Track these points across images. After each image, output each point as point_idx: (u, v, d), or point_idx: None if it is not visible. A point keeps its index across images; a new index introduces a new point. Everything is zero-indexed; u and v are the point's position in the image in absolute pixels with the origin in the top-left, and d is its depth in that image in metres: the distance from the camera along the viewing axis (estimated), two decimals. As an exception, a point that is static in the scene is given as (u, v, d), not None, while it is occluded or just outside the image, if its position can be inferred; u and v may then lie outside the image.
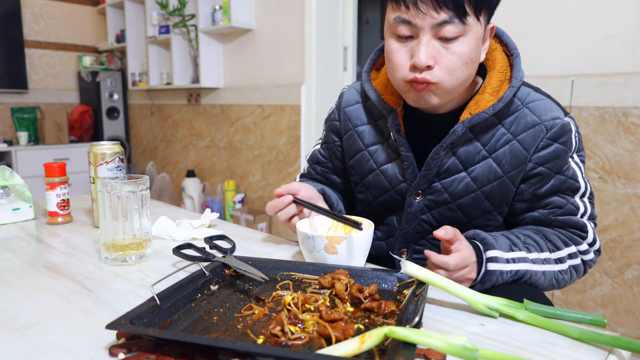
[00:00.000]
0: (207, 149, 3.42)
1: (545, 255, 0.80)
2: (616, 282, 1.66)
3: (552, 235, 0.83)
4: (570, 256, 0.82)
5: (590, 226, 0.83)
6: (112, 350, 0.50)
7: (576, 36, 1.68)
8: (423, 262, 0.91)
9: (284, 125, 2.79)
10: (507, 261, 0.76)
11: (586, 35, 1.65)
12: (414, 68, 0.74)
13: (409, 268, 0.60)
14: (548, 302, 0.82)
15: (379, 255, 0.96)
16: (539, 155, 0.80)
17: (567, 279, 0.82)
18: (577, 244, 0.83)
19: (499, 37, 0.83)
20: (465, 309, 0.62)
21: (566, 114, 0.82)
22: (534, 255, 0.79)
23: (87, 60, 4.01)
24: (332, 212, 0.81)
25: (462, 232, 0.87)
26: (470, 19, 0.71)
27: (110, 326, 0.50)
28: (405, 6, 0.71)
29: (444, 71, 0.74)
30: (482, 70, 0.85)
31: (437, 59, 0.73)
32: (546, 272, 0.79)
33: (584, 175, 0.83)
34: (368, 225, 0.79)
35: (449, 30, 0.71)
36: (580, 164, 0.83)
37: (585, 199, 0.83)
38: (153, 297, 0.57)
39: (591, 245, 0.84)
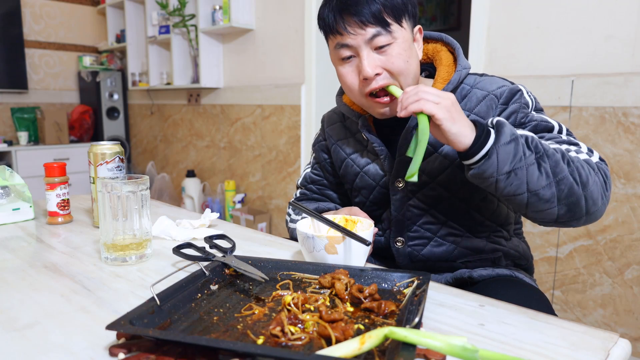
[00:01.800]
0: (207, 149, 3.42)
1: (550, 143, 0.77)
2: (616, 282, 1.66)
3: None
4: (577, 152, 0.78)
5: (580, 142, 0.82)
6: (112, 350, 0.50)
7: (576, 36, 1.68)
8: (420, 247, 0.94)
9: (284, 125, 2.79)
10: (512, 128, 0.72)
11: (586, 35, 1.65)
12: (365, 81, 0.85)
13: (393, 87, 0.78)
14: (548, 304, 0.82)
15: (378, 248, 1.00)
16: None
17: (583, 172, 0.74)
18: (573, 146, 0.81)
19: (441, 39, 0.95)
20: (465, 309, 0.62)
21: (513, 83, 0.89)
22: (535, 136, 0.75)
23: (87, 60, 4.01)
24: (333, 223, 0.79)
25: (450, 208, 0.91)
26: (394, 27, 0.83)
27: (110, 326, 0.50)
28: (338, 33, 0.84)
29: (393, 73, 0.84)
30: (434, 72, 0.95)
31: (382, 66, 0.84)
32: (556, 148, 0.75)
33: (552, 119, 0.86)
34: (368, 225, 0.79)
35: (380, 40, 0.82)
36: (545, 116, 0.87)
37: (564, 134, 0.85)
38: (153, 297, 0.57)
39: (590, 151, 0.81)
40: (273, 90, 2.82)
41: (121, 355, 0.49)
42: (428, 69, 0.98)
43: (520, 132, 0.74)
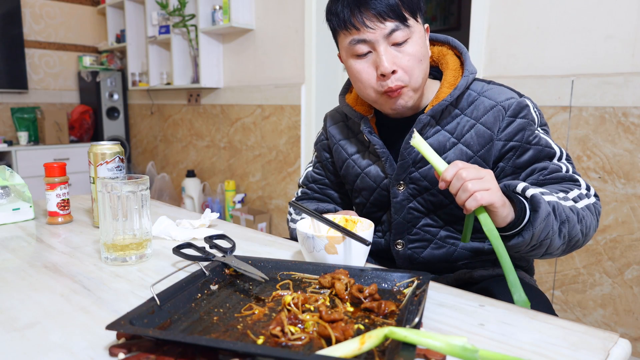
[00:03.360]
0: (207, 149, 3.42)
1: (562, 194, 0.80)
2: (616, 282, 1.66)
3: (552, 187, 0.83)
4: (580, 197, 0.81)
5: (578, 176, 0.85)
6: (112, 350, 0.50)
7: (576, 36, 1.68)
8: (420, 250, 0.94)
9: (284, 125, 2.79)
10: (541, 193, 0.74)
11: (586, 35, 1.65)
12: (382, 77, 0.83)
13: (417, 139, 0.72)
14: (548, 304, 0.82)
15: (378, 250, 1.00)
16: (505, 132, 0.86)
17: (588, 220, 0.79)
18: (576, 189, 0.84)
19: (448, 42, 0.94)
20: (465, 309, 0.62)
21: (521, 95, 0.89)
22: (554, 195, 0.78)
23: (87, 60, 4.01)
24: (333, 223, 0.79)
25: (449, 214, 0.92)
26: (411, 22, 0.82)
27: (110, 326, 0.50)
28: (355, 28, 0.82)
29: (407, 73, 0.83)
30: (441, 76, 0.94)
31: (398, 64, 0.83)
32: (571, 207, 0.78)
33: (554, 142, 0.88)
34: (368, 225, 0.79)
35: (398, 35, 0.81)
36: (547, 135, 0.89)
37: (564, 161, 0.87)
38: (153, 297, 0.57)
39: (588, 189, 0.85)
40: (273, 90, 2.82)
41: (121, 355, 0.49)
42: (433, 72, 0.98)
43: (547, 197, 0.74)
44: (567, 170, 0.85)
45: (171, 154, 3.81)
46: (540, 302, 0.82)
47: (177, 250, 0.76)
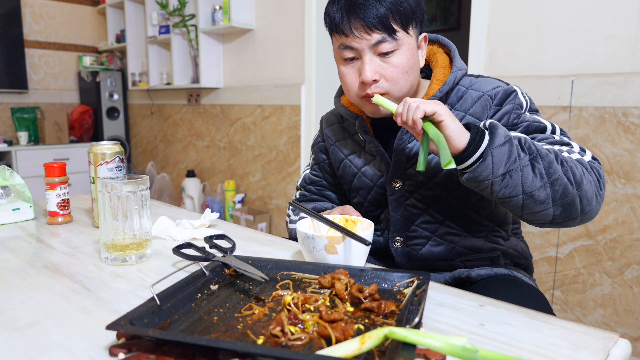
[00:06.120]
0: (207, 149, 3.42)
1: (540, 144, 0.77)
2: (616, 282, 1.66)
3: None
4: (569, 152, 0.79)
5: (572, 141, 0.83)
6: (112, 350, 0.50)
7: (576, 36, 1.68)
8: (419, 247, 0.95)
9: (284, 125, 2.79)
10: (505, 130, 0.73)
11: (586, 35, 1.65)
12: (363, 85, 0.85)
13: (379, 98, 0.79)
14: (546, 304, 0.82)
15: (377, 248, 1.00)
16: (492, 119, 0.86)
17: (578, 171, 0.74)
18: (565, 146, 0.81)
19: (437, 41, 0.96)
20: (465, 309, 0.62)
21: (508, 84, 0.89)
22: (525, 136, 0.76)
23: (87, 60, 4.01)
24: (333, 223, 0.80)
25: (447, 208, 0.92)
26: (400, 34, 0.83)
27: (110, 327, 0.50)
28: (344, 34, 0.84)
29: (389, 82, 0.85)
30: (431, 73, 0.95)
31: (381, 73, 0.84)
32: (549, 149, 0.75)
33: (546, 120, 0.86)
34: (368, 225, 0.79)
35: (385, 46, 0.82)
36: (538, 116, 0.87)
37: (557, 134, 0.85)
38: (153, 297, 0.57)
39: (582, 150, 0.81)
40: (273, 90, 2.82)
41: (121, 355, 0.49)
42: (424, 70, 0.99)
43: (513, 133, 0.74)
44: (560, 139, 0.83)
45: (171, 154, 3.81)
46: (539, 302, 0.81)
47: (177, 250, 0.76)
